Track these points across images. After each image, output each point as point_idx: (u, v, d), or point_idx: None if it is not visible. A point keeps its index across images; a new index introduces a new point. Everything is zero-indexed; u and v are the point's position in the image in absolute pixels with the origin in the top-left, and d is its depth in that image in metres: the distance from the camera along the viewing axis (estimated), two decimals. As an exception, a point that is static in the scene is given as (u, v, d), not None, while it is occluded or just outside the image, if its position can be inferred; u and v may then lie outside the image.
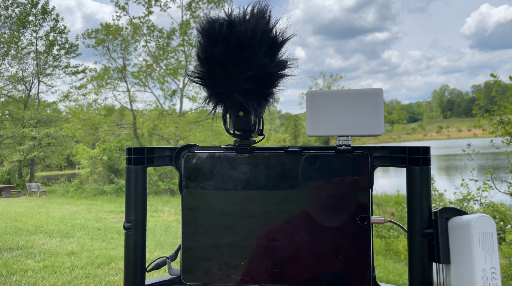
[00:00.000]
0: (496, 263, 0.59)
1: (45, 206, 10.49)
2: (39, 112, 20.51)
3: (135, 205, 0.74)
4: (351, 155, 0.73)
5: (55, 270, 4.20)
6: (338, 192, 0.72)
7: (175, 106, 19.02)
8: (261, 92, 0.69)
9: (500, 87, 6.29)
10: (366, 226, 0.71)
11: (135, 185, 0.75)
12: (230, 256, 0.75)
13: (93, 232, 6.54)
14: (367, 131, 0.71)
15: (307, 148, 0.75)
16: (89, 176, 15.68)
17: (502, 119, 6.22)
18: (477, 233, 0.60)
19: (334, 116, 0.72)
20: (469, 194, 6.39)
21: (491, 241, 0.60)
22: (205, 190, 0.76)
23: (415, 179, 0.69)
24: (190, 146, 0.78)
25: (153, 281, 0.78)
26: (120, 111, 20.12)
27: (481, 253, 0.60)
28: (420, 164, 0.69)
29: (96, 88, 18.23)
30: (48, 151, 20.03)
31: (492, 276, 0.59)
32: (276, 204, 0.74)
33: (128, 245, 0.74)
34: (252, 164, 0.75)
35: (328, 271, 0.72)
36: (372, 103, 0.71)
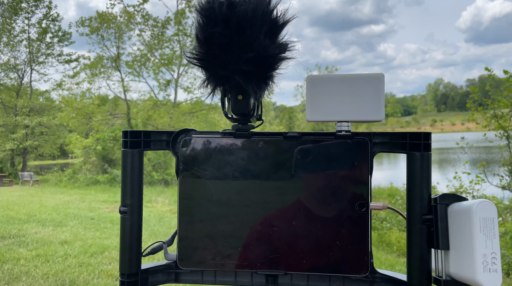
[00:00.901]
0: (497, 248, 0.59)
1: (38, 195, 10.44)
2: (32, 101, 20.31)
3: (131, 189, 0.74)
4: (351, 140, 0.72)
5: (48, 259, 4.19)
6: (337, 178, 0.72)
7: (170, 96, 18.92)
8: (261, 75, 0.68)
9: (494, 81, 6.32)
10: (365, 213, 0.71)
11: (131, 168, 0.74)
12: (227, 242, 0.74)
13: (87, 221, 6.53)
14: (367, 117, 0.70)
15: (306, 134, 0.74)
16: (82, 166, 15.61)
17: (496, 113, 6.26)
18: (478, 218, 0.60)
19: (334, 102, 0.71)
20: (462, 187, 6.45)
21: (492, 226, 0.60)
22: (202, 175, 0.75)
23: (415, 164, 0.68)
24: (187, 130, 0.77)
25: (149, 266, 0.77)
26: (114, 101, 19.98)
27: (481, 238, 0.59)
28: (421, 150, 0.68)
29: (90, 77, 18.07)
30: (41, 140, 19.89)
31: (492, 261, 0.59)
32: (274, 189, 0.73)
33: (124, 229, 0.74)
34: (250, 149, 0.74)
35: (325, 257, 0.72)
36: (373, 88, 0.70)
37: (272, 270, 0.73)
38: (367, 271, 0.71)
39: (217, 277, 0.77)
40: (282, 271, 0.73)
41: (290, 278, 0.75)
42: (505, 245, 4.36)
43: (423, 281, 0.67)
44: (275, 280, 0.75)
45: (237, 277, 0.76)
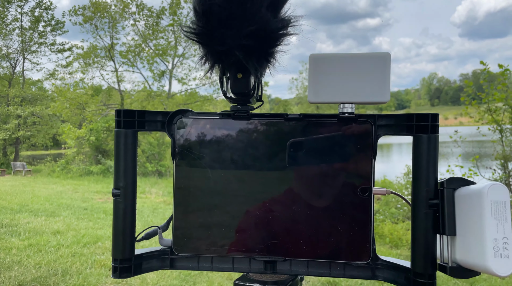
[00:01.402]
0: (509, 232, 0.57)
1: (30, 185, 10.37)
2: (24, 91, 20.09)
3: (124, 171, 0.71)
4: (355, 123, 0.69)
5: (40, 249, 4.16)
6: (339, 161, 0.70)
7: (164, 87, 18.81)
8: (262, 51, 0.64)
9: (488, 76, 6.34)
10: (368, 197, 0.69)
11: (125, 149, 0.71)
12: (225, 227, 0.72)
13: (80, 211, 6.50)
14: (372, 98, 0.67)
15: (308, 115, 0.71)
16: (75, 156, 15.51)
17: (490, 107, 6.29)
18: (489, 201, 0.58)
19: (337, 82, 0.68)
20: (454, 180, 6.48)
21: (504, 210, 0.57)
22: (199, 157, 0.72)
23: (422, 147, 0.66)
24: (184, 111, 0.73)
25: (143, 251, 0.75)
26: (107, 91, 19.82)
27: (493, 222, 0.57)
28: (428, 132, 0.66)
29: (83, 67, 17.89)
30: (34, 130, 19.71)
31: (504, 246, 0.56)
32: (274, 172, 0.71)
33: (117, 213, 0.71)
34: (249, 131, 0.71)
35: (326, 243, 0.70)
36: (378, 68, 0.67)
37: (270, 256, 0.71)
38: (369, 258, 0.69)
39: (213, 264, 0.75)
40: (281, 257, 0.71)
41: (290, 264, 0.73)
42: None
43: (427, 268, 0.65)
44: (274, 267, 0.73)
45: (234, 263, 0.74)
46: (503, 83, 6.15)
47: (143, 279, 3.34)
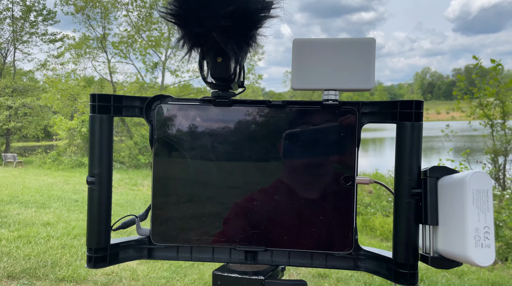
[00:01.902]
0: (490, 222, 0.56)
1: (21, 177, 10.27)
2: (15, 81, 19.84)
3: (99, 158, 0.68)
4: (338, 110, 0.68)
5: (30, 240, 4.13)
6: (322, 150, 0.68)
7: (157, 79, 18.67)
8: (241, 33, 0.62)
9: (480, 70, 6.37)
10: (350, 187, 0.67)
11: (100, 135, 0.68)
12: (204, 216, 0.70)
13: (70, 203, 6.46)
14: (356, 85, 0.65)
15: (290, 102, 0.69)
16: (67, 148, 15.39)
17: (481, 102, 6.33)
18: (471, 190, 0.57)
19: (321, 68, 0.66)
20: (445, 174, 6.53)
21: (486, 198, 0.56)
22: (178, 145, 0.70)
23: (405, 135, 0.64)
24: (163, 96, 0.71)
25: (120, 241, 0.73)
26: (99, 83, 19.63)
27: (474, 211, 0.56)
28: (412, 119, 0.64)
29: (75, 58, 17.68)
30: (25, 121, 19.50)
31: (485, 236, 0.55)
32: (256, 160, 0.69)
33: (91, 201, 0.69)
34: (230, 118, 0.69)
35: (308, 233, 0.69)
36: (362, 54, 0.65)
37: (251, 246, 0.70)
38: (351, 248, 0.68)
39: (193, 254, 0.73)
40: (262, 247, 0.70)
41: (271, 254, 0.72)
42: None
43: (409, 258, 0.63)
44: (255, 257, 0.71)
45: (214, 253, 0.73)
46: (495, 78, 6.18)
47: (133, 271, 3.33)
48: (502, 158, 6.23)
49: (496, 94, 6.13)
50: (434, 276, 3.40)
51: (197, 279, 3.18)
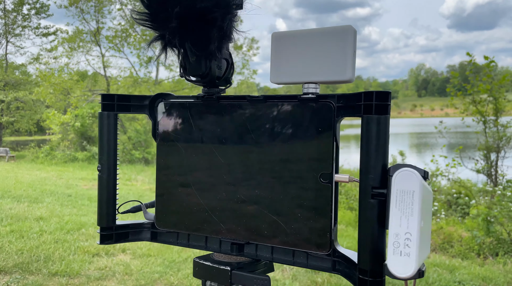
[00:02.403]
0: (413, 228, 0.48)
1: (13, 171, 10.20)
2: (7, 75, 19.63)
3: (107, 149, 0.78)
4: (316, 104, 0.64)
5: (23, 235, 4.11)
6: (299, 146, 0.65)
7: (151, 73, 18.57)
8: (195, 32, 0.62)
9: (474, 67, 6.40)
10: (328, 184, 0.64)
11: (106, 130, 0.78)
12: (197, 206, 0.74)
13: (63, 198, 6.42)
14: (333, 77, 0.62)
15: (270, 97, 0.69)
16: (60, 142, 15.28)
17: (474, 99, 6.37)
18: (395, 190, 0.50)
19: (299, 61, 0.64)
20: (438, 170, 6.59)
21: (410, 201, 0.49)
22: (176, 139, 0.76)
23: (370, 130, 0.59)
24: (164, 95, 0.78)
25: (127, 222, 0.82)
26: (93, 77, 19.49)
27: (396, 214, 0.49)
28: (376, 112, 0.58)
29: (68, 52, 17.52)
30: (17, 115, 19.33)
31: (405, 243, 0.48)
32: (239, 156, 0.70)
33: (100, 186, 0.79)
34: (217, 114, 0.72)
35: (287, 230, 0.67)
36: (340, 44, 0.61)
37: (235, 238, 0.71)
38: (328, 250, 0.64)
39: (190, 241, 0.78)
40: (245, 240, 0.71)
41: (255, 248, 0.72)
42: (477, 226, 4.50)
43: (374, 265, 0.58)
44: (241, 249, 0.72)
45: (207, 242, 0.76)
46: (488, 75, 6.22)
47: (126, 266, 3.33)
48: (494, 154, 6.28)
49: (489, 91, 6.17)
50: (426, 271, 3.43)
51: (190, 274, 3.18)
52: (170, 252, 3.71)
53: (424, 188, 0.52)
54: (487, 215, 4.29)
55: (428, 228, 0.59)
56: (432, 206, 0.62)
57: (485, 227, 4.27)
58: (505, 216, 4.34)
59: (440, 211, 5.55)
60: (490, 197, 5.50)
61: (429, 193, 0.57)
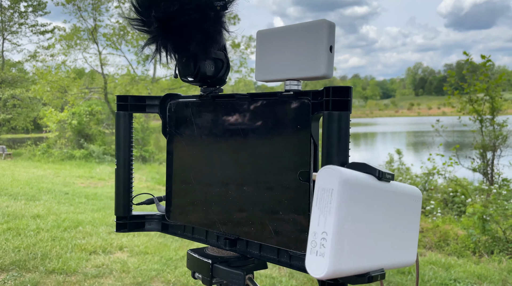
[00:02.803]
0: (330, 227, 0.46)
1: (10, 169, 10.17)
2: (4, 72, 19.54)
3: (122, 146, 0.84)
4: (295, 101, 0.63)
5: (20, 232, 4.11)
6: (280, 143, 0.65)
7: (148, 71, 18.52)
8: (178, 34, 0.65)
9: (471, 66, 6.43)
10: (306, 183, 0.62)
11: (123, 128, 0.83)
12: (197, 201, 0.78)
13: (60, 196, 6.42)
14: (308, 73, 0.61)
15: (255, 95, 0.69)
16: (57, 140, 15.24)
17: (471, 98, 6.39)
18: (317, 188, 0.49)
19: (280, 58, 0.63)
20: (435, 168, 6.61)
21: (329, 199, 0.47)
22: (180, 136, 0.80)
23: (327, 126, 0.58)
24: (172, 95, 0.84)
25: (142, 213, 0.87)
26: (90, 75, 19.43)
27: (315, 213, 0.48)
28: (330, 108, 0.58)
29: (65, 49, 17.44)
30: (14, 113, 19.24)
31: (321, 243, 0.47)
32: (230, 153, 0.73)
33: (117, 179, 0.85)
34: (212, 112, 0.75)
35: (272, 227, 0.67)
36: (313, 39, 0.60)
37: (226, 234, 0.74)
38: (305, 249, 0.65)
39: (194, 234, 0.82)
40: (235, 236, 0.73)
41: (246, 245, 0.73)
42: (473, 225, 4.52)
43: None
44: (233, 244, 0.74)
45: (207, 236, 0.79)
46: (485, 74, 6.24)
47: (124, 263, 3.33)
48: (490, 153, 6.31)
49: (486, 90, 6.20)
50: (422, 269, 3.45)
51: (187, 271, 3.19)
52: (167, 250, 3.71)
53: (363, 188, 0.49)
54: (482, 214, 4.31)
55: (399, 231, 0.56)
56: (408, 208, 0.59)
57: (480, 225, 4.29)
58: (500, 214, 4.36)
59: (437, 209, 5.57)
60: (486, 196, 5.53)
61: (386, 193, 0.53)
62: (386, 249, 0.55)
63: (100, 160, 13.30)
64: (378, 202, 0.52)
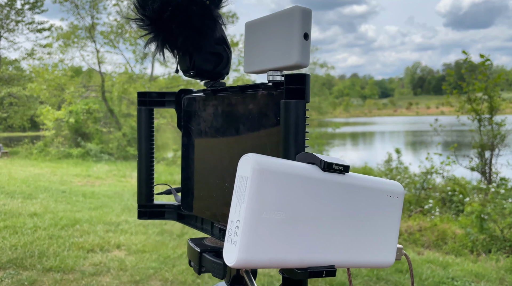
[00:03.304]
0: (242, 216, 0.45)
1: (7, 167, 10.13)
2: (1, 71, 19.46)
3: (144, 138, 0.88)
4: (275, 92, 0.61)
5: (17, 231, 4.09)
6: (264, 135, 0.64)
7: (146, 70, 18.49)
8: (161, 30, 0.68)
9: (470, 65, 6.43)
10: None
11: (144, 122, 0.88)
12: (202, 192, 0.81)
13: (58, 194, 6.39)
14: (282, 62, 0.59)
15: (243, 87, 0.68)
16: (54, 138, 15.19)
17: (470, 97, 6.40)
18: (237, 176, 0.48)
19: (261, 48, 0.62)
20: (433, 168, 6.62)
21: (244, 187, 0.46)
22: (190, 130, 0.83)
23: (284, 115, 0.56)
24: (186, 90, 0.86)
25: (162, 203, 0.90)
26: (87, 73, 19.38)
27: (234, 201, 0.47)
28: (284, 97, 0.56)
29: (62, 47, 17.38)
30: (11, 111, 19.17)
31: (235, 231, 0.46)
32: (225, 146, 0.74)
33: (139, 170, 0.89)
34: (212, 106, 0.77)
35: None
36: (286, 27, 0.57)
37: (223, 225, 0.74)
38: None
39: (203, 225, 0.83)
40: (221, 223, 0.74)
41: None
42: (471, 224, 4.52)
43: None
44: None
45: (212, 228, 0.80)
46: (484, 73, 6.25)
47: (121, 262, 3.32)
48: (488, 152, 6.32)
49: (485, 90, 6.20)
50: (420, 268, 3.45)
51: (185, 270, 3.18)
52: (165, 248, 3.70)
53: (289, 178, 0.47)
54: (480, 212, 4.32)
55: (364, 228, 0.53)
56: (378, 204, 0.55)
57: (478, 224, 4.30)
58: (498, 213, 4.37)
59: (435, 208, 5.58)
60: (484, 195, 5.54)
61: (333, 185, 0.50)
62: (338, 246, 0.52)
63: (97, 159, 13.26)
64: (320, 193, 0.50)
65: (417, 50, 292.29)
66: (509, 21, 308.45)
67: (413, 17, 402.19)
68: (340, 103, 63.75)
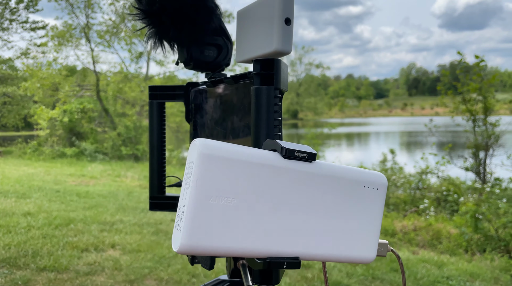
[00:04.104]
0: (187, 201, 0.44)
1: (0, 167, 10.06)
2: (-5, 69, 19.31)
3: (155, 131, 0.88)
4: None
5: (10, 230, 4.05)
6: (248, 126, 0.63)
7: (141, 69, 18.43)
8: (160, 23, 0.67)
9: (464, 66, 6.47)
10: None
11: (156, 115, 0.87)
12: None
13: (52, 194, 6.34)
14: (264, 49, 0.57)
15: (237, 77, 0.67)
16: (48, 138, 15.10)
17: (464, 97, 6.44)
18: (187, 161, 0.46)
19: (249, 36, 0.60)
20: (428, 168, 6.65)
21: (190, 172, 0.45)
22: (196, 123, 0.84)
23: (253, 101, 0.55)
24: (193, 83, 0.85)
25: (173, 195, 0.90)
26: (82, 72, 19.28)
27: (183, 186, 0.46)
28: (253, 83, 0.55)
29: (56, 46, 17.29)
30: (4, 110, 19.03)
31: (181, 217, 0.44)
32: (221, 138, 0.74)
33: (151, 162, 0.89)
34: (212, 98, 0.77)
35: None
36: (269, 12, 0.55)
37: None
38: None
39: None
40: None
41: None
42: (466, 223, 4.54)
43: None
44: None
45: None
46: (478, 74, 6.29)
47: (116, 261, 3.29)
48: (483, 152, 6.36)
49: (479, 90, 6.24)
50: (415, 267, 3.45)
51: (180, 269, 3.16)
52: (160, 248, 3.68)
53: (241, 164, 0.45)
54: (475, 212, 4.34)
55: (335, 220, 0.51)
56: (354, 196, 0.52)
57: (473, 223, 4.32)
58: (492, 213, 4.39)
59: (430, 208, 5.60)
60: (479, 195, 5.57)
61: (295, 173, 0.48)
62: (304, 237, 0.49)
63: (92, 158, 13.20)
64: (280, 181, 0.47)
65: (412, 51, 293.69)
66: (503, 22, 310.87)
67: (408, 18, 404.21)
68: (336, 103, 63.95)
